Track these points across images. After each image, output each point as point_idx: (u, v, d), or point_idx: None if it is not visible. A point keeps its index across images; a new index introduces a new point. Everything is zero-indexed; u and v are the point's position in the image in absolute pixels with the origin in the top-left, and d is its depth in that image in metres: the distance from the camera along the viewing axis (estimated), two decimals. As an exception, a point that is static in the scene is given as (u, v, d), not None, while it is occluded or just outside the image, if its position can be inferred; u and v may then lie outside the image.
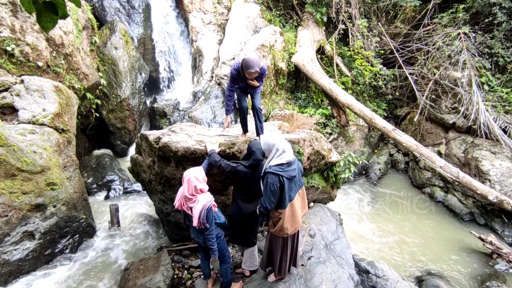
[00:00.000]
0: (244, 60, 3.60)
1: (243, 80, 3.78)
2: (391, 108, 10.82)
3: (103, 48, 7.85)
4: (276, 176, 3.10)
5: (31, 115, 5.12)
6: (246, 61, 3.57)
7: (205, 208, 3.19)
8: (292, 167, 3.20)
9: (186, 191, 3.26)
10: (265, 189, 3.13)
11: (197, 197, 3.24)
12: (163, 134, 4.47)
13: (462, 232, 7.10)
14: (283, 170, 3.13)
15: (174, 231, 5.07)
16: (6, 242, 4.23)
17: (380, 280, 4.73)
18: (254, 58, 3.58)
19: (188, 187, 3.24)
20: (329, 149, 5.07)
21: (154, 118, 8.94)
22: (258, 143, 3.49)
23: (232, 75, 3.80)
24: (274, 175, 3.10)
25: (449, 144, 8.81)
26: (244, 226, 3.70)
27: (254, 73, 3.58)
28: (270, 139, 3.25)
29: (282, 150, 3.15)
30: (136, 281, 4.04)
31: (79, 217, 5.10)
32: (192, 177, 3.24)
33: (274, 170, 3.11)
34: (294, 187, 3.30)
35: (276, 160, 3.14)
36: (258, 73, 3.64)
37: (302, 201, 3.53)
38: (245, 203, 3.59)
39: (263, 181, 3.19)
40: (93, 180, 6.95)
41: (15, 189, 4.37)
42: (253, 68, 3.52)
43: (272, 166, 3.13)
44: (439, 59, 9.06)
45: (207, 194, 3.31)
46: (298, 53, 8.98)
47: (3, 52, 5.32)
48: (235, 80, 3.83)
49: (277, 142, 3.19)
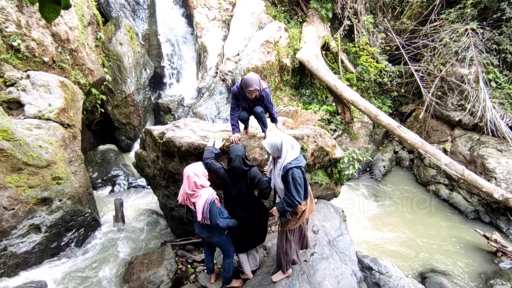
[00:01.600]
0: (243, 79, 3.58)
1: (245, 99, 3.76)
2: (396, 105, 10.74)
3: (108, 44, 7.88)
4: (299, 169, 3.15)
5: (37, 110, 5.17)
6: (245, 80, 3.54)
7: (208, 202, 3.21)
8: (301, 157, 3.30)
9: (186, 188, 3.28)
10: (293, 184, 3.12)
11: (198, 192, 3.26)
12: (167, 129, 4.49)
13: (467, 230, 7.05)
14: (299, 161, 3.20)
15: (178, 225, 5.10)
16: (13, 234, 4.29)
17: (383, 277, 4.72)
18: (253, 77, 3.54)
19: (188, 183, 3.26)
20: (333, 146, 5.05)
21: (159, 114, 8.98)
22: (238, 150, 3.42)
23: (233, 92, 3.79)
24: (297, 168, 3.14)
25: (455, 142, 8.73)
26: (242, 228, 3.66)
27: (254, 91, 3.54)
28: (274, 140, 3.22)
29: (291, 145, 3.18)
30: (140, 275, 4.09)
31: (85, 211, 5.15)
32: (191, 173, 3.25)
33: (294, 164, 3.14)
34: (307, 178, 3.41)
35: (292, 155, 3.17)
36: (258, 92, 3.60)
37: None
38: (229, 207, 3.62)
39: (285, 179, 3.18)
40: (98, 175, 7.02)
41: (21, 183, 4.43)
42: (252, 86, 3.48)
43: (292, 161, 3.15)
44: (445, 55, 8.95)
45: (209, 189, 3.32)
46: (303, 49, 8.93)
47: (9, 47, 5.36)
48: (236, 98, 3.83)
49: (282, 140, 3.19)
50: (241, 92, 3.70)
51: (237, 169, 3.33)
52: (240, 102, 3.88)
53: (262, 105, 3.91)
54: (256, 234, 3.80)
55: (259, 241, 3.91)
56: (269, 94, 3.89)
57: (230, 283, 3.94)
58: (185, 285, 4.18)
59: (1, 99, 5.08)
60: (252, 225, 3.67)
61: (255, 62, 8.47)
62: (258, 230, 3.80)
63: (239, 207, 3.56)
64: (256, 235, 3.81)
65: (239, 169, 3.32)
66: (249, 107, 3.92)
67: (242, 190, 3.45)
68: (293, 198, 3.14)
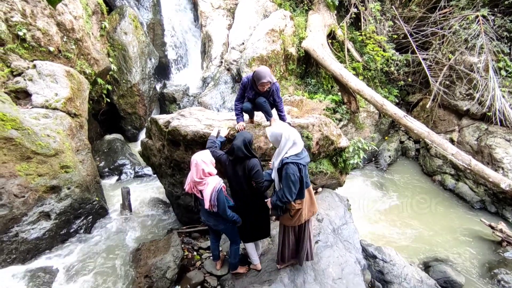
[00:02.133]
0: (255, 71, 3.64)
1: (253, 89, 3.82)
2: (403, 95, 10.61)
3: (113, 33, 7.87)
4: (295, 165, 3.03)
5: (44, 99, 5.22)
6: (257, 72, 3.60)
7: (215, 190, 3.24)
8: (305, 153, 3.17)
9: (194, 175, 3.30)
10: (285, 180, 3.04)
11: (206, 180, 3.28)
12: (173, 118, 4.51)
13: (472, 220, 7.03)
14: (300, 158, 3.08)
15: (183, 214, 5.18)
16: (24, 221, 4.40)
17: (387, 265, 4.76)
18: (265, 70, 3.61)
19: (196, 171, 3.28)
20: (338, 135, 5.03)
21: (164, 103, 9.00)
22: (246, 134, 3.39)
23: (243, 83, 3.86)
24: (293, 164, 3.02)
25: (462, 132, 8.63)
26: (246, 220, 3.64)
27: (267, 83, 3.61)
28: (276, 129, 3.14)
29: (293, 141, 3.06)
30: (147, 261, 4.18)
31: (92, 199, 5.25)
32: (200, 161, 3.27)
33: (292, 159, 3.03)
34: (307, 175, 3.28)
35: (293, 150, 3.06)
36: (270, 84, 3.65)
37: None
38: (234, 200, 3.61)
39: (280, 173, 3.10)
40: (105, 164, 7.11)
41: (30, 171, 4.51)
42: (265, 78, 3.55)
43: (290, 156, 3.04)
44: (455, 43, 8.77)
45: (216, 177, 3.34)
46: (308, 38, 8.82)
47: (15, 37, 5.39)
48: (245, 88, 3.88)
49: (283, 132, 3.09)
50: (252, 84, 3.73)
51: (239, 152, 3.24)
52: (248, 93, 3.90)
53: (269, 99, 3.92)
54: (255, 229, 3.75)
55: (259, 236, 3.87)
56: (279, 89, 3.91)
57: (236, 269, 4.01)
58: (191, 271, 4.26)
59: (9, 88, 5.13)
60: (251, 220, 3.62)
61: (260, 51, 8.40)
62: (257, 226, 3.73)
63: (239, 199, 3.54)
64: (255, 230, 3.76)
65: (241, 152, 3.23)
66: (254, 99, 3.93)
67: (241, 182, 3.40)
68: (284, 194, 3.07)
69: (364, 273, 4.45)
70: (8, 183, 4.24)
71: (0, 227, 4.17)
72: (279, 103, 4.01)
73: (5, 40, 5.25)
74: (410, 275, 4.66)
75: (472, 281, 5.44)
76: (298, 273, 3.81)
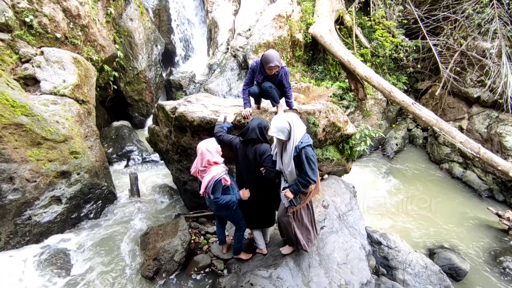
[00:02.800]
0: (264, 54, 3.61)
1: (261, 74, 3.80)
2: (411, 82, 10.42)
3: (118, 20, 7.83)
4: (310, 147, 3.10)
5: (52, 86, 5.27)
6: (265, 56, 3.58)
7: (214, 180, 3.25)
8: (308, 135, 3.20)
9: (199, 165, 3.33)
10: (307, 163, 3.06)
11: (209, 168, 3.31)
12: (179, 104, 4.53)
13: (479, 209, 7.00)
14: (309, 138, 3.14)
15: (190, 199, 5.25)
16: (36, 205, 4.52)
17: (392, 251, 4.80)
18: (273, 53, 3.58)
19: (201, 160, 3.30)
20: (345, 121, 5.00)
21: (170, 90, 9.02)
22: (261, 120, 3.41)
23: (251, 67, 3.84)
24: (309, 147, 3.08)
25: (472, 119, 8.49)
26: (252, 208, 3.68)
27: (274, 67, 3.58)
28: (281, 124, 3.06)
29: (298, 124, 3.10)
30: (156, 244, 4.28)
31: (101, 185, 5.35)
32: (205, 150, 3.29)
33: (306, 142, 3.07)
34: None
35: (300, 133, 3.08)
36: (278, 68, 3.62)
37: None
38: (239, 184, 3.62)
39: (297, 160, 3.10)
40: (113, 151, 7.21)
41: (41, 156, 4.59)
42: (273, 62, 3.52)
43: (303, 140, 3.07)
44: (467, 28, 8.52)
45: (219, 166, 3.34)
46: (315, 24, 8.66)
47: (22, 24, 5.40)
48: (254, 73, 3.87)
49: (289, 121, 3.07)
50: (260, 68, 3.71)
51: (253, 133, 3.27)
52: (256, 78, 3.88)
53: (277, 84, 3.88)
54: (260, 217, 3.77)
55: (264, 224, 3.91)
56: (288, 74, 3.86)
57: (239, 254, 4.08)
58: (199, 254, 4.36)
59: (18, 75, 5.18)
60: (257, 208, 3.64)
61: (266, 37, 8.30)
62: (262, 214, 3.77)
63: (246, 187, 3.56)
64: (260, 218, 3.79)
65: (255, 134, 3.26)
66: (263, 80, 3.89)
67: (250, 167, 3.41)
68: (309, 177, 3.08)
69: (369, 259, 4.50)
70: (20, 168, 4.33)
71: (14, 210, 4.29)
72: (287, 89, 3.97)
73: (13, 27, 5.27)
74: (415, 261, 4.69)
75: (477, 268, 5.47)
76: (303, 257, 3.87)
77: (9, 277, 3.87)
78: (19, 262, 4.10)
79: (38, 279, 3.91)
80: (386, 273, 4.66)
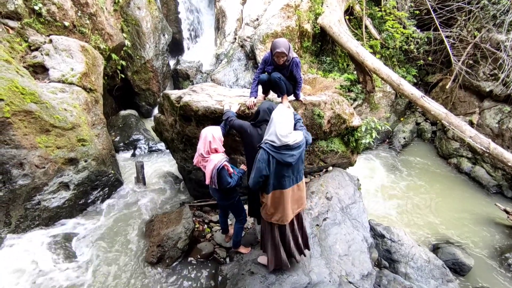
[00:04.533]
0: (273, 41, 3.60)
1: (272, 64, 3.77)
2: (422, 75, 10.21)
3: (126, 8, 7.82)
4: (266, 154, 2.83)
5: (61, 74, 5.33)
6: (274, 42, 3.57)
7: (216, 168, 3.29)
8: (290, 152, 2.83)
9: (202, 148, 3.36)
10: (254, 164, 2.90)
11: (210, 157, 3.35)
12: (184, 93, 4.54)
13: (487, 205, 6.91)
14: (277, 151, 2.81)
15: (195, 188, 5.31)
16: (45, 191, 4.63)
17: (395, 245, 4.79)
18: (282, 40, 3.55)
19: (204, 144, 3.34)
20: (350, 113, 4.95)
21: (177, 80, 9.03)
22: (268, 103, 3.45)
23: (264, 57, 3.83)
24: (264, 152, 2.83)
25: (483, 114, 8.30)
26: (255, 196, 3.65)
27: (281, 54, 3.54)
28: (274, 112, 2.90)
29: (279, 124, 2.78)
30: (160, 231, 4.36)
31: (108, 172, 5.44)
32: (209, 134, 3.33)
33: (266, 147, 2.83)
34: (289, 175, 2.96)
35: (271, 137, 2.81)
36: (286, 56, 3.58)
37: (299, 195, 3.15)
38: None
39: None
40: (120, 139, 7.30)
41: (49, 143, 4.69)
42: (279, 48, 3.48)
43: (267, 142, 2.84)
44: (482, 19, 8.26)
45: (220, 155, 3.37)
46: (324, 14, 8.50)
47: (31, 12, 5.45)
48: (265, 63, 3.85)
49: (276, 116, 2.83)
50: (272, 57, 3.69)
51: (265, 115, 3.29)
52: (267, 68, 3.87)
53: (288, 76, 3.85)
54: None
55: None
56: (299, 65, 3.80)
57: (238, 247, 4.12)
58: (202, 242, 4.43)
59: (27, 63, 5.25)
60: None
61: (274, 27, 8.20)
62: None
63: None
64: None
65: (267, 115, 3.24)
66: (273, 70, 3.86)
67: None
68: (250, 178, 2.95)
69: (371, 251, 4.51)
70: (30, 154, 4.43)
71: (24, 195, 4.41)
72: (298, 80, 3.92)
73: (22, 15, 5.32)
74: (418, 255, 4.69)
75: (482, 264, 5.42)
76: (305, 247, 3.89)
77: (18, 261, 4.00)
78: (29, 245, 4.23)
79: (46, 262, 4.03)
80: (388, 266, 4.67)
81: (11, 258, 4.01)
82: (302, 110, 4.38)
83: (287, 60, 3.64)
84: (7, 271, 3.85)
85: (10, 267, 3.89)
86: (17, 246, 4.19)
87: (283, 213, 3.07)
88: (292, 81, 3.95)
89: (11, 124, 4.19)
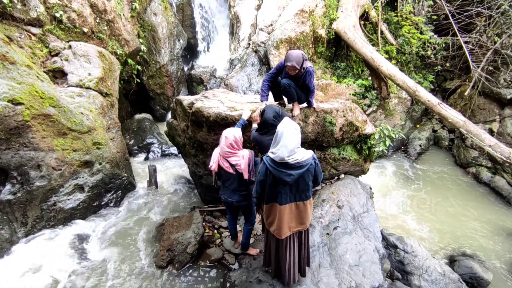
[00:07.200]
0: (287, 52, 3.63)
1: (285, 72, 3.79)
2: (439, 81, 9.97)
3: (143, 14, 8.00)
4: (264, 167, 2.81)
5: (78, 79, 5.49)
6: (288, 54, 3.59)
7: (251, 159, 3.39)
8: (287, 171, 2.71)
9: (224, 145, 3.39)
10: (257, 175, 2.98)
11: (238, 153, 3.41)
12: (196, 99, 4.59)
13: (507, 216, 6.63)
14: (275, 167, 2.74)
15: (206, 193, 5.34)
16: (61, 192, 4.76)
17: (408, 256, 4.66)
18: (296, 53, 3.56)
19: (226, 142, 3.38)
20: (363, 121, 4.87)
21: (191, 84, 9.14)
22: (273, 106, 3.44)
23: (278, 64, 3.87)
24: (263, 165, 2.83)
25: (503, 122, 8.02)
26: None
27: (292, 67, 3.56)
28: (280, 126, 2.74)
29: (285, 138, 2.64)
30: (170, 236, 4.39)
31: (122, 175, 5.54)
32: (230, 134, 3.39)
33: (266, 160, 2.80)
34: (286, 193, 2.86)
35: (274, 149, 2.74)
36: (297, 70, 3.59)
37: (299, 214, 3.01)
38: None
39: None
40: (134, 142, 7.43)
41: (66, 146, 4.82)
42: (291, 62, 3.50)
43: (269, 155, 2.79)
44: (502, 25, 8.02)
45: (246, 150, 3.48)
46: (339, 19, 8.45)
47: (53, 19, 5.65)
48: (279, 69, 3.87)
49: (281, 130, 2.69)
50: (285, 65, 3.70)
51: (268, 120, 3.31)
52: (281, 75, 3.89)
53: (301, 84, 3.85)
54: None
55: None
56: (313, 74, 3.80)
57: (247, 249, 4.11)
58: (211, 248, 4.44)
59: (47, 68, 5.44)
60: None
61: (288, 33, 8.20)
62: None
63: None
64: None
65: (270, 119, 3.29)
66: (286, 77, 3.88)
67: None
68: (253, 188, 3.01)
69: (383, 262, 4.40)
70: (47, 156, 4.57)
71: (41, 196, 4.55)
72: (311, 89, 3.92)
73: (44, 22, 5.53)
74: (432, 267, 4.53)
75: (501, 279, 5.20)
76: (314, 257, 3.84)
77: (33, 260, 4.12)
78: (44, 245, 4.35)
79: (60, 262, 4.14)
80: (401, 278, 4.53)
81: (27, 257, 4.13)
82: (314, 117, 4.34)
83: (300, 72, 3.66)
84: (23, 269, 3.96)
85: (25, 266, 4.01)
86: (32, 246, 4.31)
87: (277, 227, 3.03)
88: (305, 90, 3.94)
89: (30, 127, 4.34)
